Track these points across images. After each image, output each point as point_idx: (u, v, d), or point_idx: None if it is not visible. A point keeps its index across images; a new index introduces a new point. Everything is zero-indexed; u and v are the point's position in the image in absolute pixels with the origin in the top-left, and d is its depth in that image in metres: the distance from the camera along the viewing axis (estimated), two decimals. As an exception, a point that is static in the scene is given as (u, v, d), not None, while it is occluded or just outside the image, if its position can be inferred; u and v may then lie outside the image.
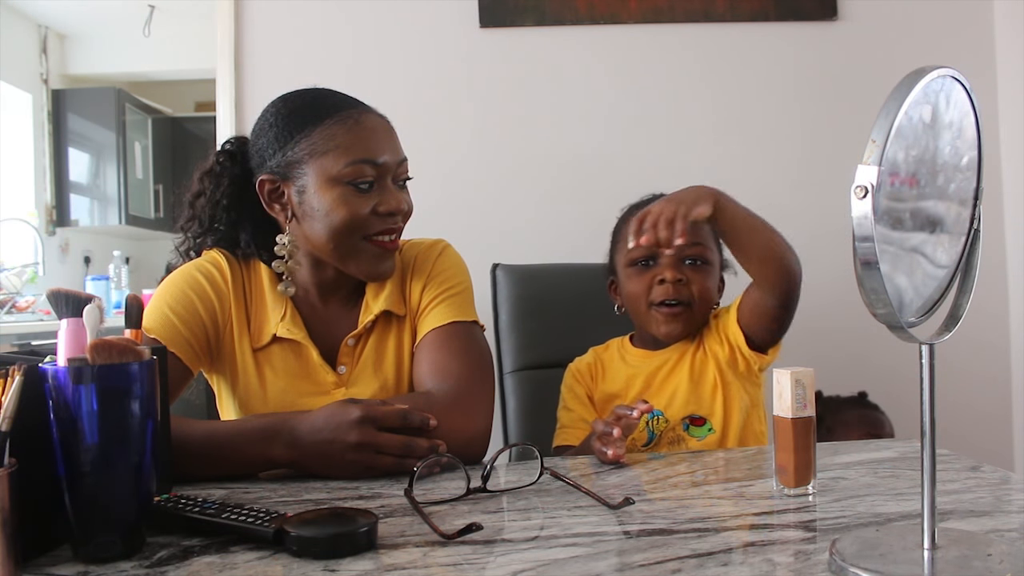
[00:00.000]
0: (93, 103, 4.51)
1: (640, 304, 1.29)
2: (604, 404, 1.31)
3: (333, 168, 1.07)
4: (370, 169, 1.08)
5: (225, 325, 1.14)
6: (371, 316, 1.15)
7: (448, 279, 1.18)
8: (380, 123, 1.13)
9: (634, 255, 1.29)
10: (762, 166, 2.19)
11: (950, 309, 0.64)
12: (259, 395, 1.13)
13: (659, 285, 1.27)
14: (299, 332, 1.13)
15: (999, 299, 2.20)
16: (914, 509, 0.76)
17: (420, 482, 0.88)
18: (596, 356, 1.38)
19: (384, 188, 1.10)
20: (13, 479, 0.61)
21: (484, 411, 1.09)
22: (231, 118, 2.12)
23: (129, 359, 0.69)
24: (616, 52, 2.16)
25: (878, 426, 1.80)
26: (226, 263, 1.16)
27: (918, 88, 0.55)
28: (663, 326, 1.28)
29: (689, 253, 1.27)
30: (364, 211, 1.08)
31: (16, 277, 3.66)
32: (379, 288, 1.17)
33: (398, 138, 1.14)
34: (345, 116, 1.09)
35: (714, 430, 1.24)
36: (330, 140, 1.08)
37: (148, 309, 1.11)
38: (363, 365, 1.15)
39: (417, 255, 1.21)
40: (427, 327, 1.14)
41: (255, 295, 1.16)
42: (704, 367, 1.27)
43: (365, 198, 1.08)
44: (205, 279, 1.14)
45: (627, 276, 1.32)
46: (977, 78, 1.76)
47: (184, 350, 1.10)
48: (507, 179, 2.13)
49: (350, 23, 2.13)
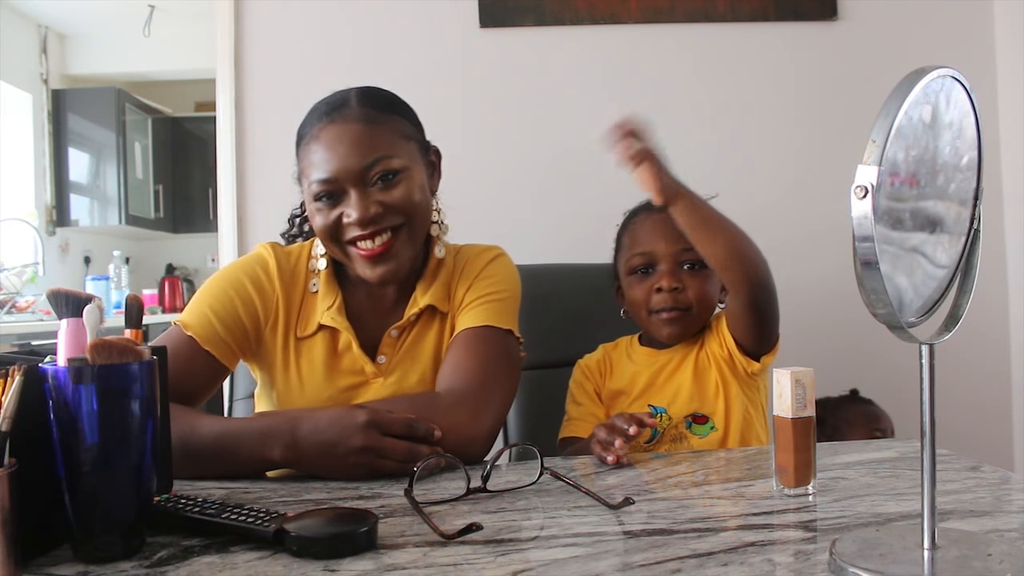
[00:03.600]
0: (93, 103, 4.52)
1: (641, 310, 1.32)
2: (611, 400, 1.33)
3: (308, 189, 1.14)
4: (323, 185, 1.11)
5: (267, 322, 1.17)
6: (416, 309, 1.17)
7: (493, 284, 1.19)
8: (343, 130, 1.10)
9: (633, 263, 1.32)
10: (762, 166, 2.19)
11: (950, 309, 0.64)
12: (298, 389, 1.15)
13: (657, 293, 1.29)
14: (342, 321, 1.15)
15: (999, 299, 2.20)
16: (914, 509, 0.76)
17: (420, 482, 0.88)
18: (605, 353, 1.40)
19: (347, 199, 1.10)
20: (13, 479, 0.61)
21: (492, 413, 1.08)
22: (231, 118, 2.12)
23: (129, 359, 0.69)
24: (616, 52, 2.16)
25: (878, 420, 1.81)
26: (274, 262, 1.18)
27: (918, 88, 0.55)
28: (664, 329, 1.30)
29: (686, 258, 1.29)
30: (329, 222, 1.12)
31: (16, 277, 3.67)
32: (428, 284, 1.19)
33: (383, 134, 1.11)
34: (311, 136, 1.13)
35: (716, 428, 1.25)
36: (302, 161, 1.15)
37: (190, 306, 1.16)
38: (402, 357, 1.17)
39: (469, 258, 1.23)
40: (461, 326, 1.16)
41: (307, 286, 1.19)
42: (707, 367, 1.29)
43: (332, 209, 1.12)
44: (251, 282, 1.16)
45: (628, 284, 1.35)
46: (977, 78, 1.77)
47: (221, 349, 1.12)
48: (507, 179, 2.13)
49: (350, 23, 2.13)
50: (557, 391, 1.39)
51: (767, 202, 2.15)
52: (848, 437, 1.71)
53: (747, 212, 1.42)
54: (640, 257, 1.31)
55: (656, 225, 1.31)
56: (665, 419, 1.26)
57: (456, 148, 1.19)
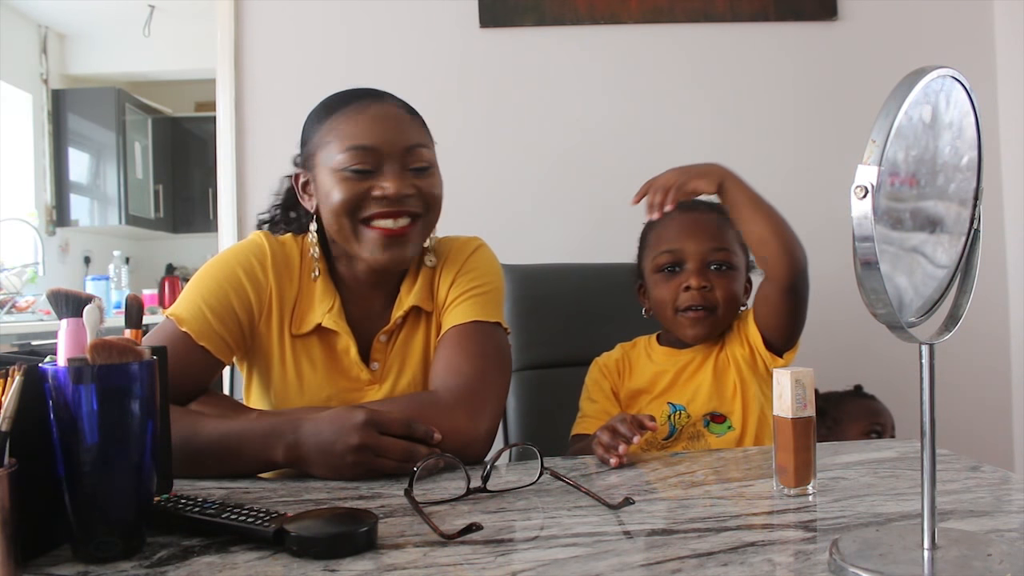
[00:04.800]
0: (93, 103, 4.51)
1: (667, 309, 1.32)
2: (629, 400, 1.34)
3: (334, 156, 1.11)
4: (363, 154, 1.10)
5: (261, 316, 1.15)
6: (401, 311, 1.16)
7: (477, 277, 1.18)
8: (386, 110, 1.13)
9: (660, 261, 1.32)
10: (762, 166, 2.17)
11: (950, 309, 0.64)
12: (296, 387, 1.14)
13: (685, 292, 1.29)
14: (343, 325, 1.15)
15: (999, 299, 2.20)
16: (914, 509, 0.76)
17: (420, 482, 0.89)
18: (624, 352, 1.39)
19: (383, 173, 1.11)
20: (13, 479, 0.61)
21: (490, 413, 1.08)
22: (231, 118, 2.12)
23: (129, 359, 0.69)
24: (616, 52, 2.16)
25: (879, 415, 1.80)
26: (268, 250, 1.17)
27: (918, 88, 0.55)
28: (689, 330, 1.30)
29: (714, 258, 1.29)
30: (357, 192, 1.09)
31: (16, 277, 3.66)
32: (411, 284, 1.18)
33: (418, 126, 1.15)
34: (351, 109, 1.13)
35: (734, 428, 1.26)
36: (332, 132, 1.12)
37: (182, 298, 1.13)
38: (393, 361, 1.17)
39: (450, 251, 1.22)
40: (448, 323, 1.15)
41: (305, 281, 1.17)
42: (726, 367, 1.30)
43: (361, 181, 1.10)
44: (244, 272, 1.14)
45: (654, 282, 1.34)
46: (977, 78, 1.77)
47: (216, 344, 1.11)
48: (507, 179, 2.13)
49: (350, 23, 2.13)
50: (557, 391, 1.39)
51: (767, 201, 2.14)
52: (848, 430, 1.71)
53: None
54: (668, 255, 1.31)
55: (684, 224, 1.31)
56: (684, 416, 1.27)
57: (456, 148, 1.19)
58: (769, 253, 1.21)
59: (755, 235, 1.22)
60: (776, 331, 1.26)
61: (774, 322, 1.25)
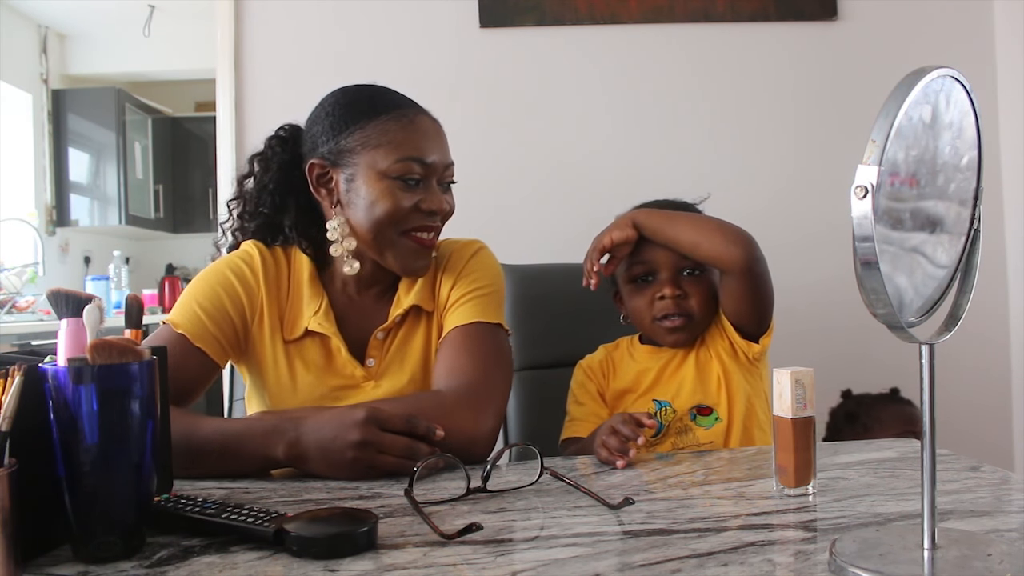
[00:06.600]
0: (93, 103, 4.51)
1: (644, 318, 1.33)
2: (615, 400, 1.34)
3: (384, 162, 1.11)
4: (418, 167, 1.12)
5: (254, 319, 1.16)
6: (401, 310, 1.17)
7: (478, 279, 1.19)
8: (432, 126, 1.17)
9: (634, 272, 1.34)
10: (762, 166, 2.19)
11: (950, 309, 0.64)
12: (290, 388, 1.15)
13: (659, 301, 1.30)
14: (330, 327, 1.15)
15: (999, 299, 2.20)
16: (914, 509, 0.76)
17: (420, 482, 0.88)
18: (607, 353, 1.40)
19: (429, 187, 1.14)
20: (13, 479, 0.61)
21: (492, 413, 1.08)
22: (231, 118, 2.12)
23: (129, 359, 0.69)
24: (616, 52, 2.16)
25: (914, 422, 1.68)
26: (259, 257, 1.18)
27: (918, 88, 0.55)
28: (668, 337, 1.31)
29: (686, 264, 1.31)
30: (406, 205, 1.12)
31: (16, 277, 3.66)
32: (411, 283, 1.19)
33: (447, 142, 1.19)
34: (400, 114, 1.14)
35: (720, 419, 1.27)
36: (383, 135, 1.12)
37: (178, 304, 1.15)
38: (391, 359, 1.17)
39: (452, 253, 1.23)
40: (450, 324, 1.16)
41: (292, 287, 1.18)
42: (708, 360, 1.31)
43: (410, 194, 1.12)
44: (235, 276, 1.16)
45: (628, 292, 1.35)
46: (977, 78, 1.76)
47: (212, 345, 1.12)
48: (507, 179, 2.13)
49: (350, 23, 2.13)
50: (557, 391, 1.39)
51: (767, 202, 2.15)
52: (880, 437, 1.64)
53: (747, 212, 1.43)
54: (641, 266, 1.32)
55: None
56: (670, 412, 1.27)
57: (456, 148, 1.19)
58: (706, 253, 1.25)
59: (687, 244, 1.26)
60: (745, 317, 1.28)
61: (740, 308, 1.27)
